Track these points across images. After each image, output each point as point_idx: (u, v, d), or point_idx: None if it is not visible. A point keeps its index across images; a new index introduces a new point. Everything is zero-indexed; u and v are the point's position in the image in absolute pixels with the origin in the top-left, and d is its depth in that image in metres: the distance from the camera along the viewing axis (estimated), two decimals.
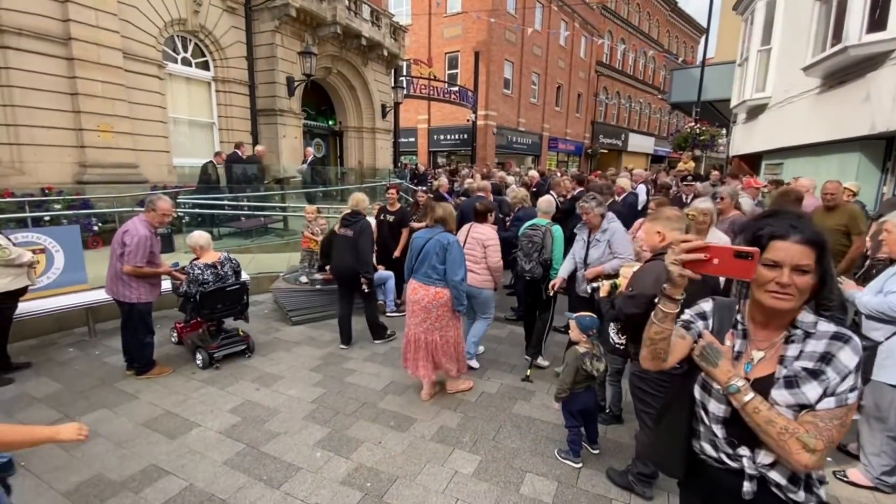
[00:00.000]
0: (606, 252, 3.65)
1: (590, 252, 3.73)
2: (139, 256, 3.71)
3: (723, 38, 19.59)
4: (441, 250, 3.47)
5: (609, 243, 3.65)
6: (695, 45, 41.58)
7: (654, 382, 2.45)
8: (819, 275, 1.12)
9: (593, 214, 3.64)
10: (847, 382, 1.08)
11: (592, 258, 3.70)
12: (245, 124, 10.99)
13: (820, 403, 1.09)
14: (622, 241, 3.63)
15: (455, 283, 3.46)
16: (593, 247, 3.71)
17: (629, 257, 3.50)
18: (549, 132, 27.39)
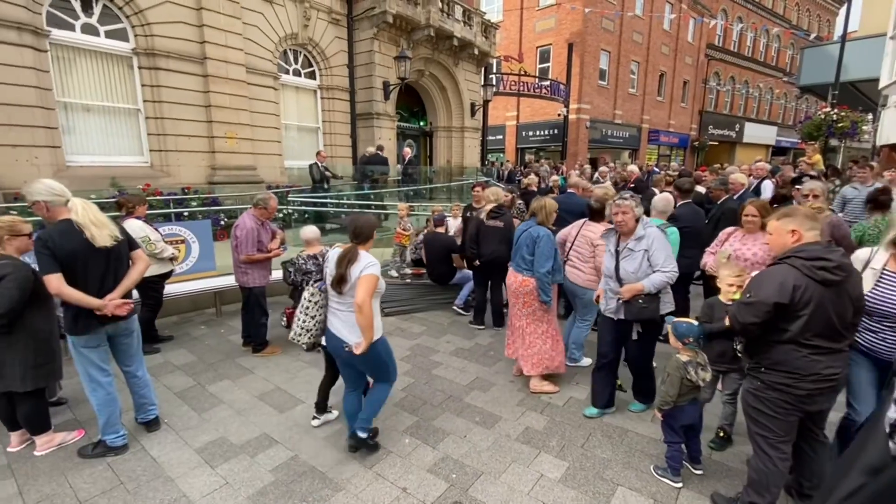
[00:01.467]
0: (645, 265, 3.03)
1: (622, 265, 3.10)
2: (249, 246, 4.22)
3: (869, 8, 16.55)
4: (531, 242, 3.63)
5: (647, 254, 3.02)
6: (832, 17, 35.82)
7: (772, 403, 2.16)
8: None
9: (631, 216, 3.03)
10: None
11: (626, 272, 3.07)
12: (345, 128, 11.81)
13: None
14: (663, 250, 3.02)
15: (540, 275, 3.58)
16: (626, 258, 3.09)
17: (673, 271, 3.00)
18: (650, 124, 25.44)
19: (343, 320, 2.74)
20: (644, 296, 3.00)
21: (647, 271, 3.03)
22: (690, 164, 26.58)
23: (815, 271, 1.97)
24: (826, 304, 1.98)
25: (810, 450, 2.33)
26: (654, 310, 3.04)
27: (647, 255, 3.02)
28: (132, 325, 2.96)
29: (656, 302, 3.04)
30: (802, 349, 2.04)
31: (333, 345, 2.83)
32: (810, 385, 2.05)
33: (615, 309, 3.15)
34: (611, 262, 3.17)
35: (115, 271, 2.76)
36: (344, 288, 2.64)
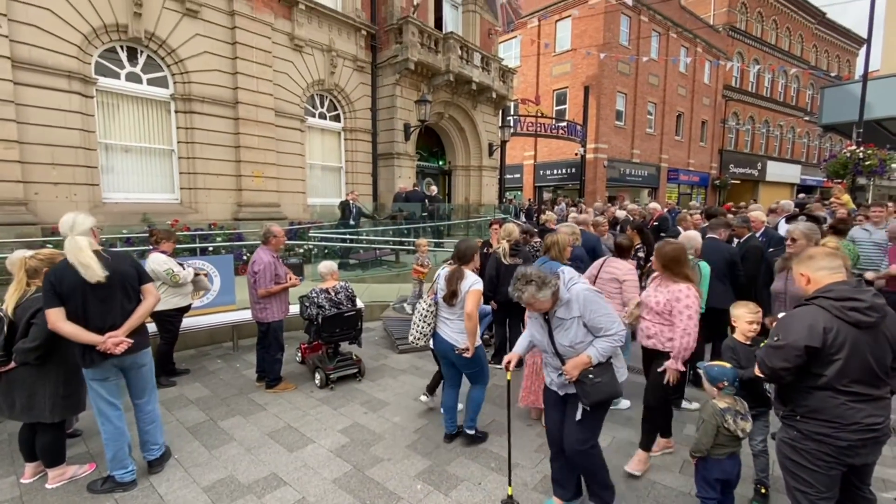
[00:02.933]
0: (583, 333, 2.44)
1: (556, 338, 2.50)
2: (268, 279, 4.27)
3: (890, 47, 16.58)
4: None
5: (582, 321, 2.42)
6: (851, 57, 35.95)
7: (810, 455, 1.99)
8: None
9: (537, 303, 2.40)
10: None
11: (563, 346, 2.49)
12: (367, 167, 12.18)
13: None
14: (600, 309, 2.42)
15: None
16: (558, 329, 2.49)
17: (619, 332, 2.43)
18: (669, 163, 25.43)
19: (452, 327, 3.32)
20: (594, 368, 2.43)
21: (589, 339, 2.46)
22: (712, 201, 26.25)
23: (846, 312, 1.87)
24: (862, 348, 1.86)
25: None
26: (612, 383, 2.46)
27: (582, 322, 2.42)
28: (142, 359, 2.95)
29: (610, 370, 2.48)
30: (840, 396, 1.90)
31: (443, 347, 3.39)
32: (851, 435, 1.89)
33: (560, 383, 2.60)
34: (542, 335, 2.57)
35: (120, 306, 2.76)
36: (455, 301, 3.23)
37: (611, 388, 2.44)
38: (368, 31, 11.65)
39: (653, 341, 3.07)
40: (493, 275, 4.92)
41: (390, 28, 11.60)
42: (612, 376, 2.47)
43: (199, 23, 8.62)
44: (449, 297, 3.23)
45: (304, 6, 10.13)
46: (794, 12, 30.81)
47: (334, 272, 4.65)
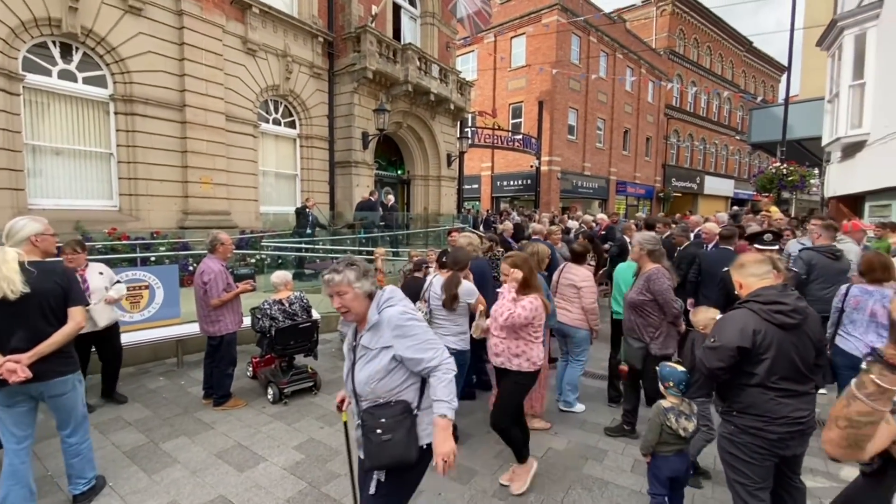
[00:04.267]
0: (384, 368, 1.83)
1: (355, 371, 1.92)
2: (220, 288, 4.06)
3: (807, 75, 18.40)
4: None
5: (391, 352, 1.84)
6: (775, 83, 39.49)
7: (746, 448, 2.14)
8: None
9: (351, 295, 1.87)
10: None
11: (360, 382, 1.88)
12: (324, 175, 11.95)
13: None
14: (417, 337, 1.86)
15: None
16: (361, 359, 1.89)
17: (449, 364, 1.90)
18: (617, 176, 26.75)
19: (446, 331, 3.41)
20: (386, 420, 1.81)
21: (400, 381, 1.87)
22: (657, 213, 27.79)
23: (773, 315, 2.05)
24: (788, 347, 2.03)
25: (789, 497, 2.29)
26: (405, 444, 1.81)
27: (392, 355, 1.84)
28: (56, 388, 2.58)
29: (407, 426, 1.83)
30: (769, 392, 2.06)
31: None
32: (780, 428, 2.06)
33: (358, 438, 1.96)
34: (346, 367, 2.00)
35: (33, 328, 2.44)
36: (456, 305, 3.35)
37: (400, 450, 1.79)
38: (325, 38, 11.52)
39: (501, 359, 2.99)
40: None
41: (348, 36, 11.52)
42: (407, 434, 1.82)
43: (143, 21, 8.19)
44: (449, 301, 3.36)
45: (258, 10, 9.88)
46: (726, 40, 33.53)
47: (288, 282, 4.50)
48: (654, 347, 3.38)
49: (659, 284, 3.35)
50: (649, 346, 3.40)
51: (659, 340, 3.39)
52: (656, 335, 3.40)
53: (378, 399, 1.88)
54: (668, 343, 3.42)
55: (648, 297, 3.37)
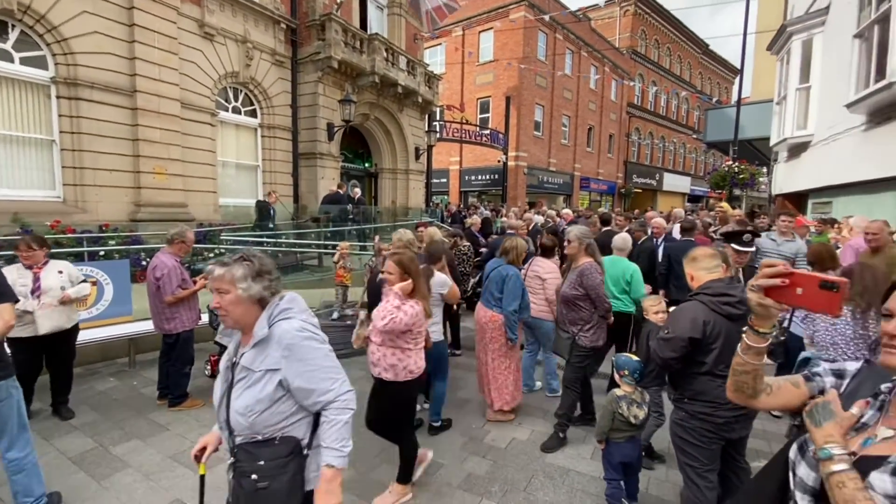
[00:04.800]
0: (268, 397, 1.49)
1: (231, 398, 1.55)
2: (174, 285, 3.89)
3: (758, 78, 19.39)
4: (500, 280, 3.83)
5: (277, 376, 1.50)
6: (729, 85, 41.35)
7: (696, 433, 2.26)
8: None
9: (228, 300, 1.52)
10: None
11: (235, 414, 1.51)
12: (287, 167, 11.61)
13: None
14: (311, 356, 1.54)
15: (508, 313, 3.76)
16: (241, 382, 1.54)
17: (343, 396, 1.57)
18: (581, 172, 27.40)
19: None
20: (264, 463, 1.49)
21: (288, 414, 1.53)
22: (619, 208, 28.69)
23: (721, 306, 2.16)
24: (734, 337, 2.14)
25: (735, 477, 2.44)
26: (287, 493, 1.50)
27: (279, 380, 1.49)
28: None
29: (291, 472, 1.51)
30: (717, 380, 2.18)
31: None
32: (727, 413, 2.18)
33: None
34: (221, 387, 1.60)
35: None
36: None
37: (281, 502, 1.48)
38: (288, 24, 11.14)
39: (378, 369, 2.79)
40: None
41: (312, 24, 11.19)
42: (290, 482, 1.50)
43: None
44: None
45: None
46: (684, 42, 34.83)
47: None
48: (583, 339, 3.47)
49: (592, 279, 3.41)
50: (577, 337, 3.49)
51: (589, 333, 3.48)
52: (587, 328, 3.48)
53: (256, 435, 1.50)
54: (599, 335, 3.52)
55: (581, 291, 3.44)
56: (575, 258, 3.59)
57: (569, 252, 3.61)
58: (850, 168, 7.38)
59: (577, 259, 3.58)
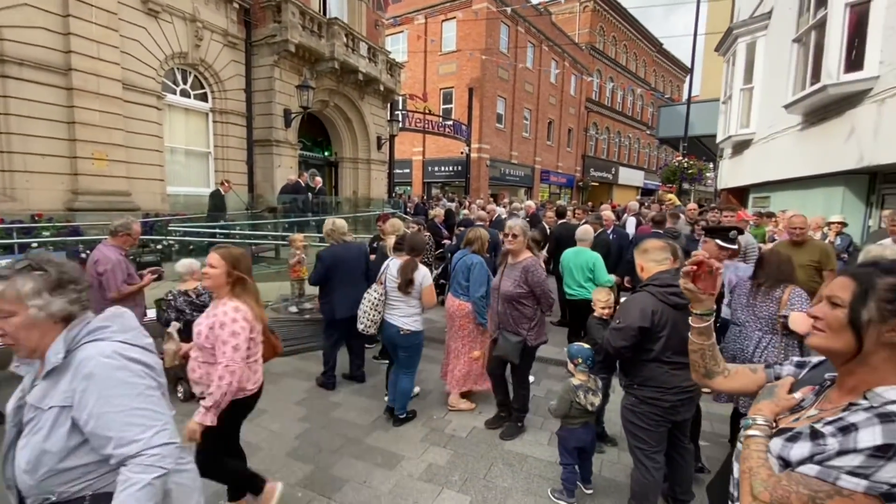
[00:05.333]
0: (71, 444, 1.17)
1: (18, 448, 1.21)
2: (119, 280, 3.65)
3: (707, 77, 20.43)
4: (466, 269, 3.90)
5: (74, 416, 1.17)
6: (680, 83, 43.23)
7: (645, 417, 2.38)
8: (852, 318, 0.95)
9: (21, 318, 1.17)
10: (846, 460, 0.86)
11: (20, 466, 1.18)
12: (241, 154, 11.11)
13: (801, 466, 0.91)
14: (117, 391, 1.18)
15: (475, 300, 3.82)
16: (27, 426, 1.21)
17: (153, 449, 1.18)
18: (541, 165, 27.93)
19: (399, 312, 3.57)
20: None
21: (90, 469, 1.21)
22: (577, 201, 29.54)
23: (668, 296, 2.28)
24: (680, 325, 2.27)
25: (679, 457, 2.59)
26: None
27: (72, 420, 1.18)
28: None
29: None
30: (665, 366, 2.30)
31: (390, 332, 3.61)
32: (673, 397, 2.31)
33: None
34: (7, 438, 1.26)
35: None
36: (411, 289, 3.48)
37: None
38: (241, 4, 10.59)
39: (200, 388, 2.36)
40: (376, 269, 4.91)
41: (267, 5, 10.69)
42: None
43: None
44: (405, 285, 3.48)
45: None
46: (640, 40, 36.02)
47: (195, 271, 4.15)
48: (529, 339, 3.32)
49: (538, 276, 3.27)
50: (526, 338, 3.31)
51: (535, 331, 3.35)
52: (532, 326, 3.34)
53: (49, 496, 1.16)
54: (542, 332, 3.42)
55: (525, 289, 3.27)
56: (516, 253, 3.37)
57: (512, 247, 3.34)
58: (786, 165, 7.92)
59: (517, 254, 3.37)
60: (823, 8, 6.46)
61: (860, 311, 0.94)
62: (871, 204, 6.52)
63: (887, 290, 0.91)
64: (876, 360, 0.94)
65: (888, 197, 6.20)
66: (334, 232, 4.40)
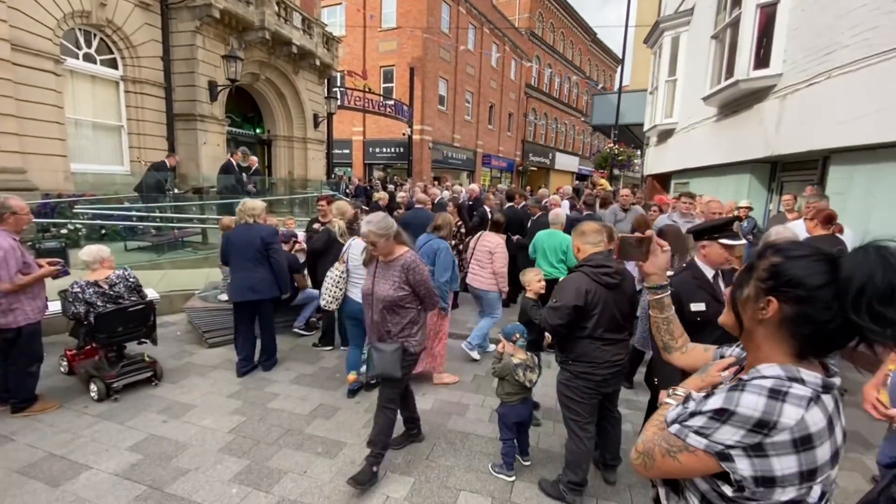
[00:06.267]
0: None
1: None
2: (12, 270, 3.21)
3: (637, 69, 21.52)
4: (432, 254, 3.97)
5: None
6: (612, 73, 45.25)
7: (579, 391, 2.52)
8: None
9: None
10: (694, 421, 0.93)
11: None
12: (160, 129, 10.11)
13: (671, 426, 0.98)
14: None
15: (440, 284, 3.88)
16: None
17: None
18: (483, 149, 28.22)
19: None
20: None
21: None
22: (517, 185, 30.28)
23: (600, 276, 2.40)
24: (610, 304, 2.41)
25: (609, 426, 2.78)
26: None
27: None
28: None
29: None
30: (596, 342, 2.44)
31: (354, 309, 3.69)
32: (604, 371, 2.47)
33: None
34: None
35: None
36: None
37: None
38: None
39: None
40: (323, 250, 4.74)
41: None
42: None
43: None
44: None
45: None
46: (576, 28, 37.11)
47: (104, 259, 3.75)
48: (413, 346, 2.77)
49: (420, 274, 2.72)
50: (406, 345, 2.75)
51: (418, 335, 2.81)
52: (415, 331, 2.80)
53: None
54: (424, 336, 2.94)
55: (408, 290, 2.71)
56: (388, 251, 2.74)
57: (377, 253, 2.76)
58: (704, 153, 8.60)
59: (391, 252, 2.74)
60: (738, 7, 6.99)
61: (741, 289, 1.01)
62: (772, 190, 7.27)
63: (765, 270, 0.96)
64: (758, 338, 0.99)
65: (786, 184, 6.95)
66: (241, 212, 4.23)
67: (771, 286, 0.94)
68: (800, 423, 0.84)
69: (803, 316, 0.90)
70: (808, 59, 5.54)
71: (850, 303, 0.83)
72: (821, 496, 0.89)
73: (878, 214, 4.61)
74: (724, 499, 0.93)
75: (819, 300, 0.87)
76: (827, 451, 0.87)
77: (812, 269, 0.89)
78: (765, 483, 0.86)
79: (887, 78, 4.35)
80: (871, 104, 4.50)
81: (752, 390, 0.89)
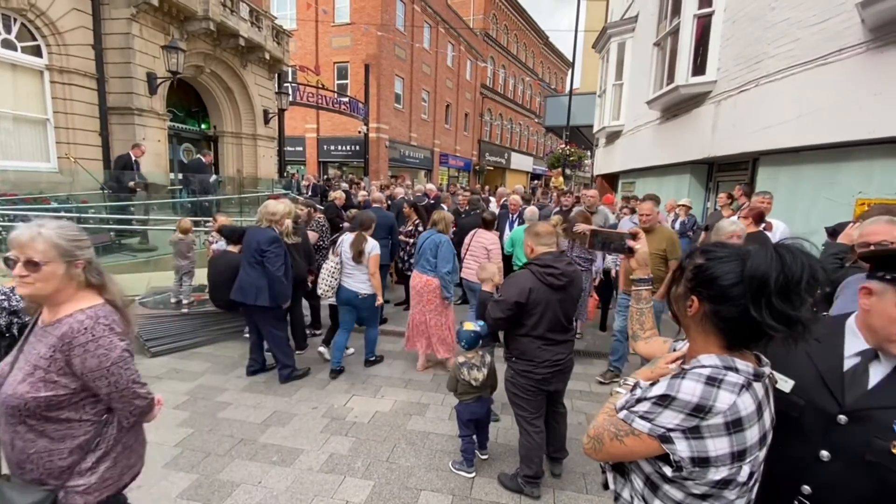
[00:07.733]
0: None
1: None
2: None
3: (586, 72, 22.36)
4: (434, 247, 4.27)
5: None
6: (564, 75, 46.73)
7: (522, 388, 2.60)
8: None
9: None
10: (640, 406, 0.99)
11: None
12: (92, 123, 9.36)
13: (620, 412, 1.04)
14: None
15: (442, 275, 4.23)
16: None
17: None
18: (440, 148, 28.28)
19: (355, 279, 4.14)
20: None
21: None
22: (474, 184, 30.60)
23: (545, 276, 2.48)
24: (554, 304, 2.49)
25: (554, 421, 2.87)
26: None
27: None
28: None
29: None
30: (537, 341, 2.52)
31: (348, 296, 4.15)
32: (544, 370, 2.55)
33: None
34: None
35: None
36: (362, 259, 4.04)
37: None
38: None
39: None
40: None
41: None
42: None
43: None
44: (357, 256, 4.03)
45: None
46: (529, 31, 37.99)
47: None
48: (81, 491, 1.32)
49: (99, 357, 1.32)
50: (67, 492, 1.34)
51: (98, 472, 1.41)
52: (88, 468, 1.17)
53: None
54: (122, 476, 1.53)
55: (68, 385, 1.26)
56: (56, 299, 1.40)
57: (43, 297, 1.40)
58: (648, 155, 9.06)
59: (57, 301, 1.41)
60: (677, 17, 7.40)
61: (675, 287, 1.08)
62: (709, 189, 7.77)
63: (692, 269, 1.02)
64: (692, 332, 1.06)
65: (721, 184, 7.45)
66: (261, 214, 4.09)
67: (692, 285, 1.01)
68: (732, 408, 0.91)
69: (717, 312, 0.96)
70: (740, 68, 5.96)
71: (749, 300, 0.89)
72: (749, 475, 0.96)
73: (800, 210, 5.04)
74: (665, 479, 0.99)
75: (730, 298, 0.93)
76: (755, 434, 0.94)
77: (725, 270, 0.95)
78: (701, 463, 0.92)
79: (807, 86, 4.76)
80: (793, 111, 4.91)
81: (691, 378, 0.95)
